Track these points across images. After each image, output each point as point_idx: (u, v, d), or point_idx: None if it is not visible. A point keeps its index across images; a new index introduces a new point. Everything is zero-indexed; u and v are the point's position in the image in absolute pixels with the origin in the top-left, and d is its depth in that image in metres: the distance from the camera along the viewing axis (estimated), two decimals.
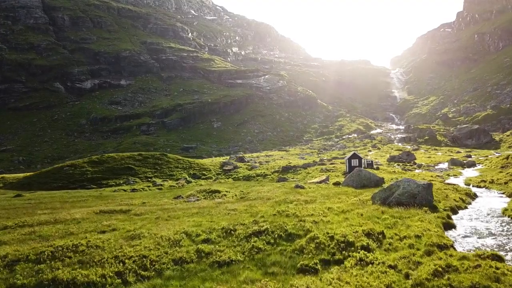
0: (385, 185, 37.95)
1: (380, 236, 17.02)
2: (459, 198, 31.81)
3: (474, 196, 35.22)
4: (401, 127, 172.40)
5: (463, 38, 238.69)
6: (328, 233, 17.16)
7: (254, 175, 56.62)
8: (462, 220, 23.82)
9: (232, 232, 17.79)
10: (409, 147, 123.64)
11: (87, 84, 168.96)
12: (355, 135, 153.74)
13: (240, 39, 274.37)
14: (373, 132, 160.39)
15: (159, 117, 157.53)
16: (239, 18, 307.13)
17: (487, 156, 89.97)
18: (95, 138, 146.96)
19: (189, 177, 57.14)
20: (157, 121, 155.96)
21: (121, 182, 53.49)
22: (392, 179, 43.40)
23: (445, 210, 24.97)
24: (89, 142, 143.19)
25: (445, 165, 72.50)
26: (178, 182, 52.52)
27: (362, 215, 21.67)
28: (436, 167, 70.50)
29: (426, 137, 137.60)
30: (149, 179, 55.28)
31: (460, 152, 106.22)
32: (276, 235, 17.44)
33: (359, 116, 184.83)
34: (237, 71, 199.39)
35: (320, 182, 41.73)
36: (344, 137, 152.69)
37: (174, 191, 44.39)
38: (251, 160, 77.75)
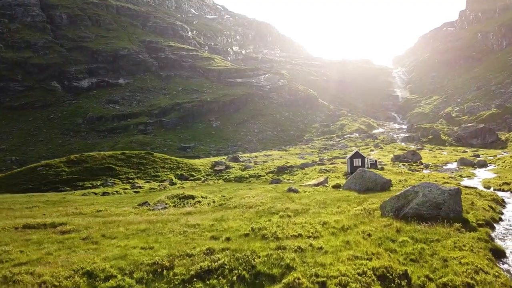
0: (394, 189, 31.13)
1: (403, 283, 10.17)
2: (488, 206, 24.89)
3: (502, 203, 28.26)
4: (403, 126, 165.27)
5: (466, 37, 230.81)
6: (317, 275, 10.39)
7: (247, 176, 49.73)
8: (507, 240, 16.93)
9: (166, 270, 11.03)
10: (412, 146, 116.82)
11: (84, 83, 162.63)
12: (357, 134, 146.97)
13: (240, 38, 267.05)
14: (375, 131, 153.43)
15: (157, 116, 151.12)
16: (240, 17, 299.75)
17: (495, 155, 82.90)
18: (92, 137, 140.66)
19: (175, 178, 50.28)
20: (155, 120, 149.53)
21: (98, 183, 46.65)
22: (400, 181, 36.48)
23: (479, 225, 18.06)
24: (85, 141, 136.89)
25: (454, 165, 65.40)
26: (161, 184, 45.59)
27: (369, 235, 14.88)
28: (444, 167, 63.27)
29: (430, 137, 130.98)
30: (130, 181, 48.41)
31: (467, 151, 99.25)
32: (235, 277, 10.67)
33: (361, 116, 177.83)
34: (237, 70, 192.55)
35: (318, 184, 34.83)
36: (345, 136, 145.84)
37: (150, 195, 37.70)
38: (246, 160, 70.86)
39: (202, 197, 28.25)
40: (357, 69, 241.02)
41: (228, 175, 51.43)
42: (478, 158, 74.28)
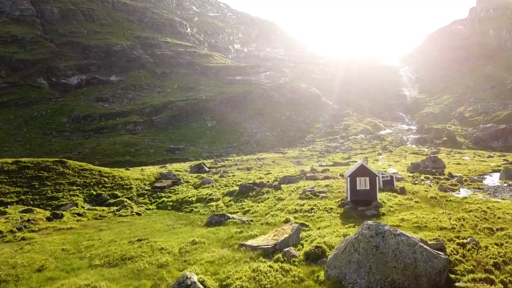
0: None
1: None
2: None
3: None
4: (412, 127, 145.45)
5: (477, 34, 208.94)
6: None
7: (194, 199, 31.10)
8: None
9: None
10: (426, 149, 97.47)
11: (73, 79, 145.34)
12: (363, 135, 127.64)
13: (243, 36, 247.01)
14: (382, 132, 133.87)
15: (148, 115, 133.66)
16: (242, 15, 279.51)
17: None
18: (75, 137, 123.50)
19: (84, 201, 31.93)
20: (146, 119, 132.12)
21: None
22: (460, 245, 16.15)
23: None
24: (67, 142, 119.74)
25: (494, 178, 45.94)
26: (33, 220, 26.24)
27: None
28: (485, 181, 43.40)
29: (444, 138, 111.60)
30: (0, 208, 29.61)
31: (492, 156, 79.90)
32: None
33: (367, 116, 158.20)
34: (236, 67, 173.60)
35: (274, 249, 14.74)
36: (350, 137, 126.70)
37: None
38: (213, 169, 51.91)
39: None
40: (362, 68, 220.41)
41: (168, 197, 32.76)
42: None
